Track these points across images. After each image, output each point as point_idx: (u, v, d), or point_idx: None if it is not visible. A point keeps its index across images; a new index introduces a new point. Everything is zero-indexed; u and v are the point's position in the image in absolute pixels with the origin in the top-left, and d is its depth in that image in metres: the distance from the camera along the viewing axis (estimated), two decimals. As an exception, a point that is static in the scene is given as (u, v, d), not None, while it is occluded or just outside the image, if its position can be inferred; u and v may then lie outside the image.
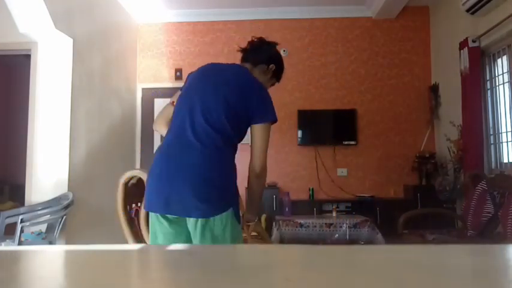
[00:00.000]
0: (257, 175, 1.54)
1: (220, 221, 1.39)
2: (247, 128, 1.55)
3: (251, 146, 1.53)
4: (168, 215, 1.44)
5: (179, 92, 1.63)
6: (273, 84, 1.81)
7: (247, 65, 1.67)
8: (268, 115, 1.54)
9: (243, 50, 1.71)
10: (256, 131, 1.53)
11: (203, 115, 1.46)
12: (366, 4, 5.12)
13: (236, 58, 1.69)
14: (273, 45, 1.72)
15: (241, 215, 1.56)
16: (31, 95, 3.49)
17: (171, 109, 1.60)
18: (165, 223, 1.45)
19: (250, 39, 1.71)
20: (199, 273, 0.46)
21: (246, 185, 1.55)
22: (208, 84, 1.53)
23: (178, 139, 1.47)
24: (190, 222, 1.41)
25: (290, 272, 0.45)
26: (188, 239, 1.45)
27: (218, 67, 1.64)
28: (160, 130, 1.67)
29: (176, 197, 1.39)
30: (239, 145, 1.57)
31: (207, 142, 1.44)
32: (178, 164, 1.42)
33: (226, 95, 1.48)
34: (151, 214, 1.50)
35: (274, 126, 1.55)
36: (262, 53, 1.69)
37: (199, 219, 1.38)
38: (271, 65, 1.70)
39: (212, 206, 1.39)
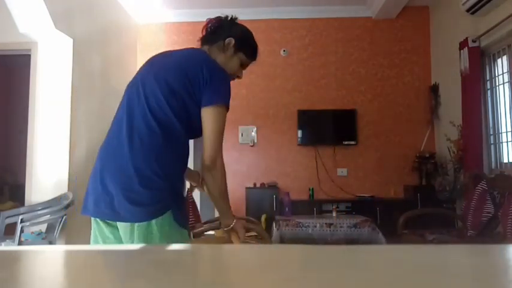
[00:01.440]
0: (208, 168, 1.33)
1: (156, 225, 1.22)
2: (198, 119, 1.34)
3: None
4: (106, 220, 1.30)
5: None
6: (243, 64, 1.54)
7: (205, 47, 1.49)
8: (215, 97, 1.33)
9: (202, 37, 1.52)
10: (203, 115, 1.33)
11: (142, 106, 1.30)
12: (366, 4, 5.12)
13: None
14: (232, 19, 1.54)
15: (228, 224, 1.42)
16: (31, 95, 3.50)
17: None
18: (104, 228, 1.31)
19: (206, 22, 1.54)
20: (200, 273, 0.46)
21: (247, 185, 1.49)
22: (151, 73, 1.37)
23: (117, 134, 1.32)
24: (122, 227, 1.25)
25: (290, 272, 0.45)
26: None
27: (167, 54, 1.47)
28: None
29: (105, 198, 1.24)
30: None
31: (144, 137, 1.27)
32: (110, 164, 1.29)
33: (168, 80, 1.32)
34: (91, 218, 1.36)
35: (274, 126, 1.51)
36: (219, 31, 1.50)
37: (131, 224, 1.22)
38: (227, 40, 1.47)
39: (145, 209, 1.22)
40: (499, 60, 3.93)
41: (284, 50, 5.20)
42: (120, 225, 1.25)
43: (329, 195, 4.99)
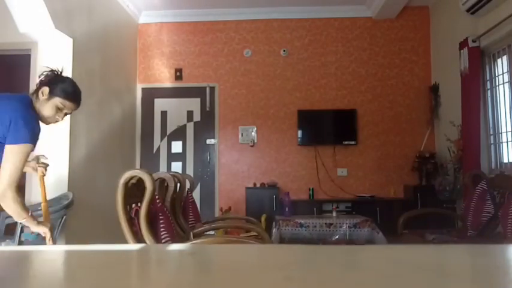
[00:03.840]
0: None
1: None
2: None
3: None
4: None
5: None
6: (63, 108, 1.83)
7: (34, 95, 1.81)
8: (15, 137, 1.62)
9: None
10: (5, 151, 1.64)
11: None
12: (366, 4, 5.12)
13: (236, 58, 1.67)
14: (55, 73, 1.84)
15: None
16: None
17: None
18: None
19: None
20: (199, 273, 0.46)
21: (247, 185, 1.50)
22: None
23: None
24: None
25: (290, 272, 0.45)
26: None
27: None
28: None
29: None
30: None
31: None
32: None
33: None
34: None
35: (274, 126, 1.52)
36: (42, 82, 1.82)
37: None
38: (42, 88, 1.78)
39: None
40: (499, 60, 3.92)
41: (284, 50, 5.20)
42: None
43: (329, 195, 4.99)
